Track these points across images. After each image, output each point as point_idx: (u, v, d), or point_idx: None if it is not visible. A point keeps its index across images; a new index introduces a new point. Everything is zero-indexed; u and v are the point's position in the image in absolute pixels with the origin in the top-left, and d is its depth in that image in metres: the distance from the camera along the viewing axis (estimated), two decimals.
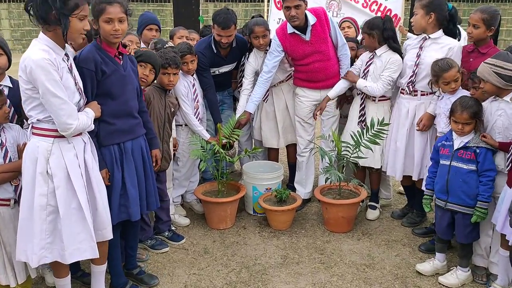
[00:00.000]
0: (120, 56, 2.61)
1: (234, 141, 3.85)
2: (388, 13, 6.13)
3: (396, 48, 3.58)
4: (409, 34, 5.35)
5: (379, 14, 6.01)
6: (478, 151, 2.84)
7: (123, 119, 2.62)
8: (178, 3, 20.94)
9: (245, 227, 3.79)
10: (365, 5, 6.03)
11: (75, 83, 2.32)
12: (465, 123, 2.87)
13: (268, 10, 5.93)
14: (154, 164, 2.95)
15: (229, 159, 3.72)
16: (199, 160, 3.81)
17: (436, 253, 3.14)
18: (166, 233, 3.51)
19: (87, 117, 2.34)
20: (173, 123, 3.61)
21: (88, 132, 2.47)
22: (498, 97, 2.80)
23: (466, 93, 3.12)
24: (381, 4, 6.04)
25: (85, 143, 2.41)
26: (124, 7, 2.49)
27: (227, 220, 3.74)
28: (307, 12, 3.62)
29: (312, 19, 3.63)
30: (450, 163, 2.94)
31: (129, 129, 2.66)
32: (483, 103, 2.92)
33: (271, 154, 4.38)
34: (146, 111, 2.93)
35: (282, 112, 4.14)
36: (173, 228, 3.63)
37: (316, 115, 3.86)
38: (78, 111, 2.32)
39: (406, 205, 3.98)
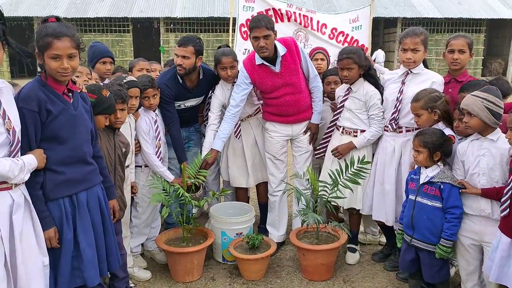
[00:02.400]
0: (70, 94, 2.24)
1: (201, 183, 3.49)
2: (355, 44, 6.10)
3: (376, 81, 3.39)
4: (376, 66, 5.26)
5: (346, 45, 5.95)
6: (442, 187, 2.70)
7: (74, 166, 2.24)
8: (138, 33, 20.67)
9: (214, 279, 3.38)
10: (331, 36, 5.98)
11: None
12: (416, 150, 2.82)
13: (233, 40, 5.74)
14: (112, 217, 2.56)
15: (195, 203, 3.34)
16: (161, 205, 3.42)
17: None
18: None
19: (15, 165, 1.93)
20: (132, 165, 3.23)
21: (34, 184, 2.08)
22: (480, 135, 2.61)
23: (449, 130, 2.94)
24: (347, 35, 6.00)
25: (14, 200, 1.98)
26: (75, 41, 2.14)
27: (193, 272, 3.33)
28: (276, 42, 3.39)
29: (282, 50, 3.39)
30: (415, 198, 2.81)
31: (83, 177, 2.28)
32: (461, 144, 2.74)
33: (240, 195, 4.04)
34: (102, 156, 2.55)
35: (251, 149, 3.84)
36: (131, 284, 3.18)
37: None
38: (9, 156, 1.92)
39: (385, 245, 3.71)
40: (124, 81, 3.09)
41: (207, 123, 3.77)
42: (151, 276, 3.39)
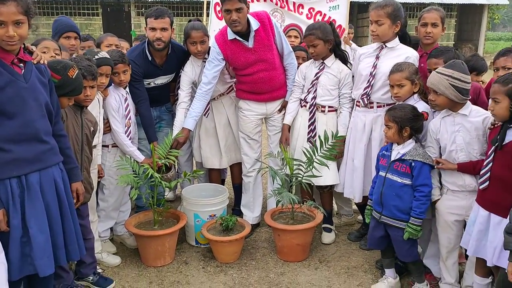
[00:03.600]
0: (21, 64, 2.05)
1: (172, 163, 3.35)
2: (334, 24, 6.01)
3: (343, 56, 3.34)
4: (354, 46, 5.19)
5: None
6: (413, 164, 2.65)
7: (24, 144, 2.05)
8: (108, 16, 20.06)
9: (187, 262, 3.27)
10: (309, 16, 5.86)
11: None
12: (386, 125, 2.77)
13: (207, 24, 5.56)
14: (75, 201, 2.39)
15: (165, 184, 3.21)
16: (130, 187, 3.27)
17: (385, 269, 2.92)
18: (91, 277, 2.91)
19: None
20: (100, 145, 3.07)
21: None
22: (451, 111, 2.56)
23: (423, 104, 2.88)
24: (325, 15, 5.88)
25: None
26: (22, 6, 1.94)
27: (165, 256, 3.21)
28: (249, 16, 3.25)
29: (255, 24, 3.26)
30: (386, 174, 2.77)
31: (34, 157, 2.09)
32: (433, 121, 2.69)
33: (213, 176, 3.91)
34: (65, 135, 2.36)
35: (224, 128, 3.71)
36: (99, 270, 3.04)
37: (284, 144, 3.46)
38: None
39: (362, 225, 3.67)
40: (96, 57, 2.89)
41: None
42: (120, 261, 3.25)
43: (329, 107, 3.35)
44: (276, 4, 5.91)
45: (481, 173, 2.33)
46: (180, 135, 3.38)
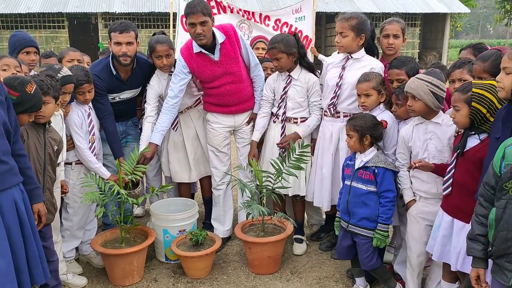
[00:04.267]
0: None
1: (139, 179, 3.28)
2: (299, 35, 6.08)
3: (310, 66, 3.36)
4: (321, 56, 5.26)
5: None
6: (376, 171, 2.69)
7: None
8: (75, 29, 19.69)
9: (157, 280, 3.20)
10: (275, 27, 5.92)
11: None
12: (348, 135, 2.82)
13: (174, 36, 5.53)
14: (37, 222, 2.30)
15: (132, 200, 3.13)
16: (96, 204, 3.18)
17: (356, 278, 2.95)
18: None
19: None
20: (63, 162, 2.97)
21: None
22: (424, 119, 2.60)
23: (388, 114, 2.93)
24: (291, 26, 5.97)
25: None
26: None
27: (133, 274, 3.13)
28: (214, 29, 3.24)
29: (220, 37, 3.25)
30: (351, 183, 2.79)
31: None
32: (405, 128, 2.73)
33: (182, 190, 3.85)
34: (25, 154, 2.27)
35: (192, 142, 3.67)
36: None
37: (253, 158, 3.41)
38: None
39: (333, 235, 3.67)
40: (60, 75, 2.81)
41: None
42: (87, 282, 3.14)
43: (301, 118, 3.36)
44: (243, 16, 5.96)
45: (444, 179, 2.37)
46: (147, 150, 3.32)
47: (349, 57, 3.16)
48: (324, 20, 20.51)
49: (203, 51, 3.25)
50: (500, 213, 1.81)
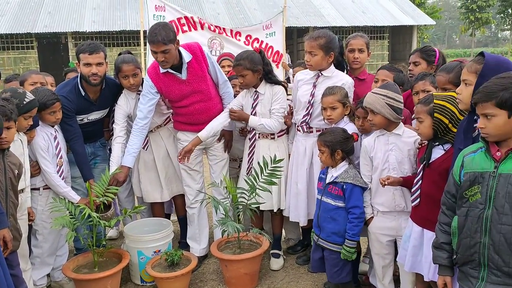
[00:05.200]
0: None
1: (111, 201, 3.23)
2: (270, 50, 6.16)
3: (276, 81, 3.38)
4: (292, 71, 5.32)
5: None
6: (345, 187, 2.72)
7: None
8: (44, 49, 19.38)
9: None
10: (247, 43, 5.99)
11: None
12: (320, 150, 2.84)
13: (145, 54, 5.51)
14: (2, 249, 2.24)
15: (104, 223, 3.08)
16: (66, 229, 3.11)
17: None
18: None
19: None
20: (28, 188, 2.89)
21: None
22: (385, 130, 2.66)
23: (352, 126, 2.99)
24: (262, 41, 6.05)
25: None
26: None
27: None
28: (181, 48, 3.24)
29: (187, 56, 3.24)
30: (321, 198, 2.83)
31: None
32: (367, 139, 2.78)
33: (156, 210, 3.80)
34: None
35: (164, 161, 3.64)
36: None
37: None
38: None
39: (310, 248, 3.69)
40: (25, 100, 2.74)
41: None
42: None
43: (269, 133, 3.38)
44: (214, 31, 6.00)
45: (412, 190, 2.42)
46: (118, 171, 3.26)
47: (320, 74, 3.19)
48: (296, 35, 20.82)
49: (170, 70, 3.24)
50: (462, 221, 1.86)
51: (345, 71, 3.42)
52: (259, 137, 3.40)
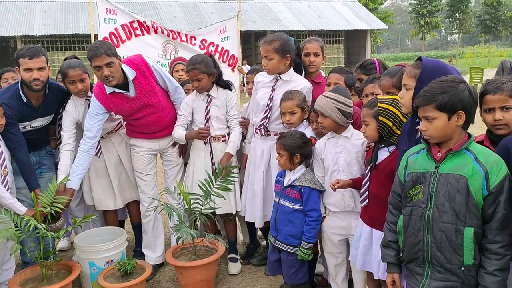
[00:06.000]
0: None
1: (59, 211, 3.10)
2: (226, 54, 6.15)
3: (227, 85, 3.41)
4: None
5: (217, 55, 5.96)
6: (302, 190, 2.76)
7: None
8: None
9: None
10: (202, 47, 5.97)
11: None
12: (278, 153, 2.86)
13: None
14: None
15: (52, 234, 2.95)
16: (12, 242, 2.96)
17: None
18: None
19: None
20: None
21: None
22: (335, 133, 2.72)
23: (311, 129, 3.03)
24: (218, 45, 6.04)
25: None
26: None
27: None
28: (123, 66, 3.14)
29: (131, 73, 3.15)
30: (279, 200, 2.86)
31: None
32: (318, 142, 2.83)
33: (109, 218, 3.69)
34: None
35: (116, 167, 3.55)
36: None
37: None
38: None
39: (265, 249, 3.71)
40: None
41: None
42: None
43: (222, 135, 3.38)
44: (168, 35, 5.94)
45: (361, 191, 2.48)
46: (67, 180, 3.14)
47: (279, 78, 3.19)
48: (254, 38, 20.97)
49: (117, 90, 3.15)
50: (407, 219, 1.93)
51: (304, 73, 3.45)
52: (214, 140, 3.39)
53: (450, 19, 36.27)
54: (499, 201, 1.77)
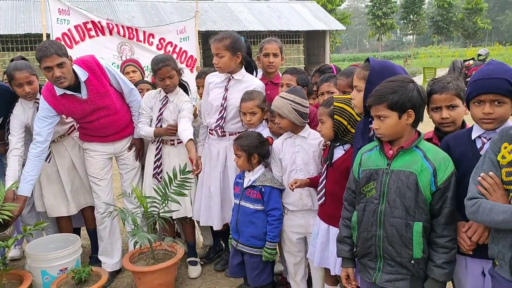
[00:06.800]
0: None
1: (8, 219, 2.96)
2: (184, 54, 6.07)
3: (185, 87, 3.40)
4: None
5: (175, 55, 5.87)
6: (263, 190, 2.76)
7: None
8: None
9: None
10: (160, 47, 5.86)
11: None
12: (236, 154, 2.84)
13: None
14: None
15: (0, 243, 2.82)
16: None
17: None
18: None
19: None
20: None
21: None
22: (292, 133, 2.74)
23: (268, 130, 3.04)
24: (176, 45, 5.95)
25: None
26: None
27: None
28: (75, 67, 3.03)
29: (83, 75, 3.04)
30: (239, 202, 2.85)
31: None
32: (276, 142, 2.84)
33: (62, 225, 3.55)
34: None
35: (69, 172, 3.42)
36: None
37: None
38: None
39: (226, 252, 3.68)
40: None
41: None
42: None
43: (177, 139, 3.32)
44: (124, 36, 5.79)
45: (318, 189, 2.51)
46: (16, 186, 3.00)
47: (231, 77, 3.16)
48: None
49: (68, 92, 3.04)
50: (360, 215, 1.97)
51: (255, 72, 3.44)
52: (164, 143, 3.35)
53: (405, 21, 37.43)
54: (447, 197, 1.83)
